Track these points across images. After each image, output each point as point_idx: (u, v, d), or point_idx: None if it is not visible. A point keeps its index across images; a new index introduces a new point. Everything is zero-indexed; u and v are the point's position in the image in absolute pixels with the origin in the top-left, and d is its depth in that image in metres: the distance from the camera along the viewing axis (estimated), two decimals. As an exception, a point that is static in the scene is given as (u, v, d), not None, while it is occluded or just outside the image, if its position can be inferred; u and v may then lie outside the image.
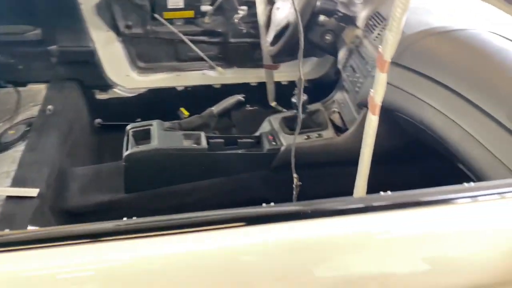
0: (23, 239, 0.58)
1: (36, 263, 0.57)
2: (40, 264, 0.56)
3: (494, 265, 0.75)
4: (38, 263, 0.57)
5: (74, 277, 0.57)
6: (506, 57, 1.16)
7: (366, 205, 0.74)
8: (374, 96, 0.93)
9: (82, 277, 0.57)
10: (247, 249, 0.66)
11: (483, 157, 1.07)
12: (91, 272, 0.57)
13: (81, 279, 0.57)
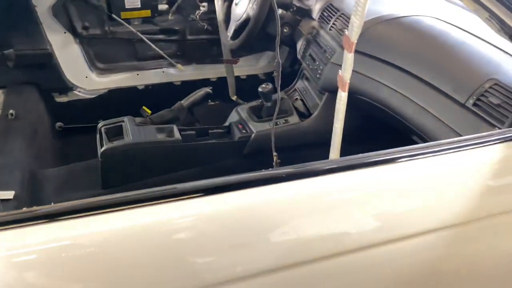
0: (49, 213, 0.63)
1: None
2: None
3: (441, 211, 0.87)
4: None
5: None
6: (447, 39, 1.32)
7: (317, 169, 0.81)
8: (343, 75, 1.04)
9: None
10: (204, 218, 0.71)
11: (435, 126, 1.21)
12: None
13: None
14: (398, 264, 0.88)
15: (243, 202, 0.74)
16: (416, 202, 0.87)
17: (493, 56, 1.22)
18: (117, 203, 0.66)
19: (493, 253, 0.99)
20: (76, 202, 0.65)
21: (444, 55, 1.28)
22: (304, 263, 0.79)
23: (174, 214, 0.70)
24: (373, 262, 0.86)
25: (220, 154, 1.63)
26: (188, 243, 0.71)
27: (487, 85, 1.11)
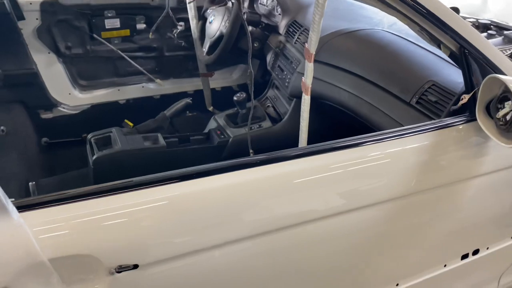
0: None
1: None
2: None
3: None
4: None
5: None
6: (394, 48, 1.55)
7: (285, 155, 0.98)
8: (305, 81, 1.23)
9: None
10: (181, 199, 0.87)
11: (386, 121, 1.42)
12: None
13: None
14: (354, 231, 1.07)
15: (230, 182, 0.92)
16: (368, 179, 1.06)
17: (431, 61, 1.44)
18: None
19: (433, 218, 1.19)
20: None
21: (391, 62, 1.50)
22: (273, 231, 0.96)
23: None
24: (334, 229, 1.04)
25: (202, 158, 1.79)
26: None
27: (427, 85, 1.33)
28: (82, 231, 0.78)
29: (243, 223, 0.92)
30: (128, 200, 0.83)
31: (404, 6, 1.07)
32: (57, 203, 0.78)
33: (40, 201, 0.78)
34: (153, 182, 0.85)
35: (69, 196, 0.80)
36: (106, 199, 0.81)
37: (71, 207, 0.79)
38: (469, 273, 1.37)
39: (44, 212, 0.77)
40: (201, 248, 0.88)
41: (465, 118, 1.15)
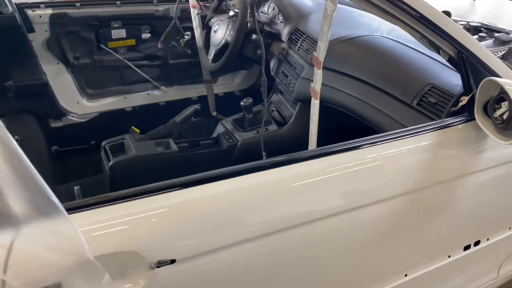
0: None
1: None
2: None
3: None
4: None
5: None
6: (393, 53, 1.64)
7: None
8: (314, 86, 1.32)
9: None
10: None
11: (389, 123, 1.51)
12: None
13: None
14: (366, 226, 1.15)
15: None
16: (377, 177, 1.14)
17: (428, 65, 1.53)
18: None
19: (438, 212, 1.28)
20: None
21: (391, 66, 1.59)
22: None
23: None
24: (348, 226, 1.12)
25: (212, 162, 1.86)
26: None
27: (426, 88, 1.42)
28: (125, 230, 0.85)
29: (266, 219, 1.00)
30: (165, 201, 0.90)
31: (406, 16, 1.16)
32: (100, 205, 0.85)
33: (86, 203, 0.85)
34: (186, 184, 0.92)
35: (111, 199, 0.87)
36: (143, 200, 0.88)
37: (114, 208, 0.86)
38: (471, 263, 1.46)
39: (90, 213, 0.84)
40: (230, 244, 0.96)
41: (464, 118, 1.24)
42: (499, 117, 1.13)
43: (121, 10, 2.27)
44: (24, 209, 0.78)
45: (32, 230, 0.78)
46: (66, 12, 2.14)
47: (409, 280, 1.30)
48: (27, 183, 0.80)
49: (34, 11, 2.10)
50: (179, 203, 0.92)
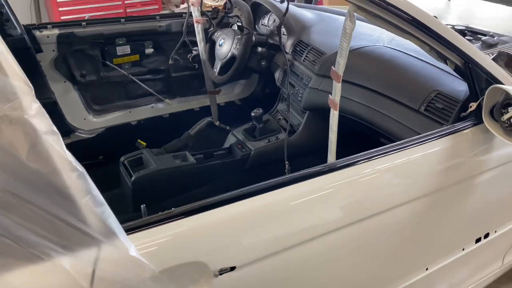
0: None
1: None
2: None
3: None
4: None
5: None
6: (398, 62, 1.75)
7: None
8: (334, 98, 1.41)
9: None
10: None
11: (398, 128, 1.62)
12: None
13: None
14: (397, 224, 1.26)
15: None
16: (400, 181, 1.25)
17: (432, 72, 1.65)
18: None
19: (454, 210, 1.39)
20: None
21: (397, 74, 1.70)
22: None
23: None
24: (377, 227, 1.22)
25: (227, 171, 1.95)
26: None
27: (433, 94, 1.53)
28: (191, 242, 0.93)
29: (311, 225, 1.10)
30: (222, 213, 0.98)
31: (419, 32, 1.27)
32: (167, 221, 0.92)
33: (155, 219, 0.92)
34: (240, 197, 1.01)
35: (174, 214, 0.94)
36: (204, 214, 0.96)
37: (178, 224, 0.93)
38: (481, 254, 1.58)
39: (160, 229, 0.91)
40: (281, 249, 1.04)
41: (472, 123, 1.35)
42: (506, 120, 1.25)
43: (126, 27, 2.33)
44: (100, 228, 0.85)
45: (109, 248, 0.85)
46: (72, 31, 2.18)
47: (429, 273, 1.41)
48: (96, 204, 0.87)
49: (41, 31, 2.14)
50: (235, 214, 0.99)
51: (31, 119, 0.78)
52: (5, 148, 0.76)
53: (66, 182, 0.77)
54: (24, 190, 0.78)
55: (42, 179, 0.79)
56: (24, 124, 0.78)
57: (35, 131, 0.76)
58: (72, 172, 0.78)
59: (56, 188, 0.79)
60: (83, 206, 0.81)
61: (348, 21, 1.23)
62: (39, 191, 0.79)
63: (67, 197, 0.79)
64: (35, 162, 0.78)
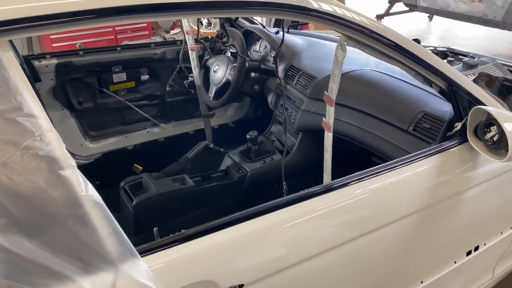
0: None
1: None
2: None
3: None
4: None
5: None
6: (386, 85, 1.84)
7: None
8: (328, 121, 1.49)
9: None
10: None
11: (389, 147, 1.70)
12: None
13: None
14: (390, 241, 1.32)
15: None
16: (390, 199, 1.32)
17: (418, 94, 1.74)
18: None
19: (444, 225, 1.47)
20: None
21: (385, 97, 1.79)
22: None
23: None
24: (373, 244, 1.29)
25: (225, 192, 2.00)
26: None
27: (420, 115, 1.62)
28: (202, 261, 0.98)
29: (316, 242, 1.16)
30: (229, 234, 1.03)
31: (404, 58, 1.36)
32: (179, 242, 0.97)
33: (169, 241, 0.97)
34: (244, 218, 1.06)
35: (185, 236, 0.99)
36: (212, 235, 1.01)
37: (189, 245, 0.98)
38: (473, 266, 1.65)
39: (172, 250, 0.96)
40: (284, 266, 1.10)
41: (458, 141, 1.44)
42: (490, 139, 1.34)
43: (122, 55, 2.40)
44: (117, 250, 0.90)
45: (126, 269, 0.90)
46: (70, 60, 2.25)
47: (424, 286, 1.48)
48: (112, 228, 0.92)
49: (40, 61, 2.20)
50: (241, 235, 1.05)
51: (51, 152, 0.84)
52: (27, 179, 0.81)
53: (85, 211, 0.83)
54: (45, 218, 0.83)
55: (61, 208, 0.84)
56: (44, 156, 0.83)
57: (55, 163, 0.82)
58: (89, 202, 0.83)
59: (76, 216, 0.84)
60: (101, 232, 0.86)
61: (339, 49, 1.32)
62: (58, 219, 0.84)
63: (87, 223, 0.84)
64: (55, 192, 0.84)
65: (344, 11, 1.24)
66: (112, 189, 2.01)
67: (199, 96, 2.44)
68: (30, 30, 0.86)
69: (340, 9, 1.25)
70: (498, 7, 4.85)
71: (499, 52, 5.71)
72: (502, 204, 1.66)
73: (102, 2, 0.91)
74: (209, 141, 2.55)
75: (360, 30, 1.25)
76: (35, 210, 0.82)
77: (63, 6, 0.87)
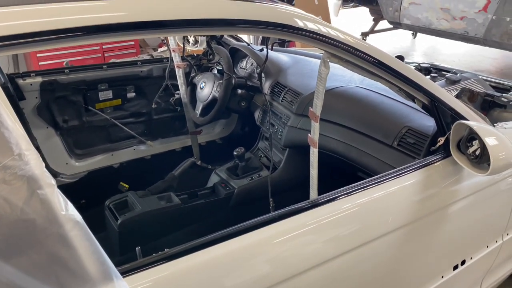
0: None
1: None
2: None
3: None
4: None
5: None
6: (370, 101, 1.86)
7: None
8: (313, 137, 1.50)
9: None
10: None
11: (374, 162, 1.71)
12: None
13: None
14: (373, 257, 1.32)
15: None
16: (376, 215, 1.32)
17: (401, 110, 1.76)
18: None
19: (430, 239, 1.47)
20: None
21: (370, 112, 1.81)
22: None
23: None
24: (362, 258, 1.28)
25: (212, 210, 1.99)
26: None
27: (404, 130, 1.64)
28: (188, 281, 0.96)
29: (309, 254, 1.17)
30: (208, 254, 1.02)
31: (388, 75, 1.38)
32: (164, 261, 0.96)
33: (152, 260, 0.95)
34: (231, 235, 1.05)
35: (169, 255, 0.98)
36: (197, 254, 1.00)
37: (173, 264, 0.97)
38: (460, 281, 1.65)
39: (156, 269, 0.94)
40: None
41: (442, 156, 1.46)
42: (472, 153, 1.35)
43: (108, 73, 2.39)
44: (98, 271, 0.88)
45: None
46: (56, 78, 2.23)
47: (412, 302, 1.47)
48: (92, 248, 0.90)
49: (25, 79, 2.18)
50: (226, 253, 1.04)
51: (30, 171, 0.82)
52: (4, 199, 0.80)
53: (65, 230, 0.81)
54: (21, 239, 0.81)
55: (40, 228, 0.82)
56: (22, 176, 0.82)
57: (33, 183, 0.80)
58: (69, 222, 0.82)
59: (55, 236, 0.83)
60: (81, 252, 0.84)
61: (322, 66, 1.34)
62: (36, 240, 0.82)
63: (66, 244, 0.82)
64: (34, 213, 0.82)
65: (329, 30, 1.26)
66: (97, 208, 1.98)
67: (186, 113, 2.44)
68: (13, 48, 0.85)
69: (325, 27, 1.27)
70: (479, 25, 4.98)
71: (481, 68, 5.84)
72: (487, 217, 1.67)
73: (87, 20, 0.92)
74: (196, 158, 2.54)
75: (344, 48, 1.27)
76: (12, 231, 0.80)
77: (47, 24, 0.87)
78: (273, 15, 1.17)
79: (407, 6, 5.71)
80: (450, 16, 5.25)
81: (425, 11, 5.49)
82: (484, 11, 4.91)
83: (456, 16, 5.19)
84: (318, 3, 5.65)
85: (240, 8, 1.14)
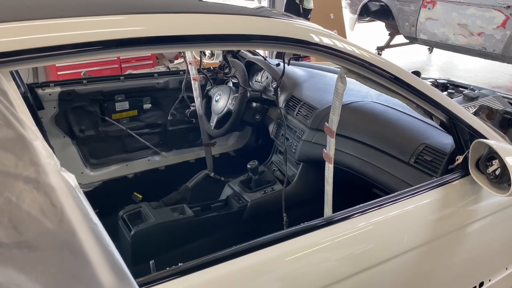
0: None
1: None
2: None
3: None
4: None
5: None
6: (387, 116, 1.84)
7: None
8: (328, 152, 1.48)
9: None
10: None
11: (391, 179, 1.68)
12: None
13: None
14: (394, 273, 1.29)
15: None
16: (394, 233, 1.30)
17: (419, 126, 1.74)
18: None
19: (448, 260, 1.43)
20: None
21: (386, 128, 1.79)
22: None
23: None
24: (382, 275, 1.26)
25: (225, 223, 1.98)
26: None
27: (421, 147, 1.61)
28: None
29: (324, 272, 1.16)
30: (222, 270, 1.01)
31: (406, 92, 1.37)
32: (177, 276, 0.95)
33: (166, 274, 0.95)
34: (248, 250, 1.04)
35: (183, 270, 0.97)
36: (208, 270, 0.99)
37: (187, 278, 0.96)
38: (478, 304, 1.61)
39: (171, 284, 0.94)
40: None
41: (460, 174, 1.43)
42: (492, 173, 1.33)
43: (125, 84, 2.42)
44: (111, 279, 0.88)
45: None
46: (74, 89, 2.27)
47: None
48: (108, 257, 0.90)
49: (44, 89, 2.22)
50: (239, 270, 1.03)
51: (52, 181, 0.83)
52: (26, 208, 0.80)
53: (86, 241, 0.81)
54: (40, 247, 0.81)
55: (57, 238, 0.83)
56: (44, 185, 0.82)
57: (55, 192, 0.81)
58: (91, 231, 0.82)
59: (75, 247, 0.83)
60: (98, 263, 0.84)
61: (339, 82, 1.33)
62: (54, 249, 0.82)
63: (84, 255, 0.82)
64: (53, 222, 0.82)
65: (344, 45, 1.26)
66: (111, 217, 1.99)
67: (200, 125, 2.45)
68: (32, 61, 0.87)
69: (340, 42, 1.26)
70: (497, 41, 4.94)
71: (499, 84, 5.77)
72: (506, 238, 1.63)
73: (105, 35, 0.93)
74: (209, 170, 2.55)
75: (360, 63, 1.26)
76: (29, 242, 0.81)
77: (66, 38, 0.89)
78: (289, 31, 1.17)
79: (423, 21, 5.69)
80: (468, 32, 5.21)
81: (442, 27, 5.46)
82: (503, 27, 4.87)
83: (473, 32, 5.15)
84: (333, 17, 5.67)
85: (257, 24, 1.14)
